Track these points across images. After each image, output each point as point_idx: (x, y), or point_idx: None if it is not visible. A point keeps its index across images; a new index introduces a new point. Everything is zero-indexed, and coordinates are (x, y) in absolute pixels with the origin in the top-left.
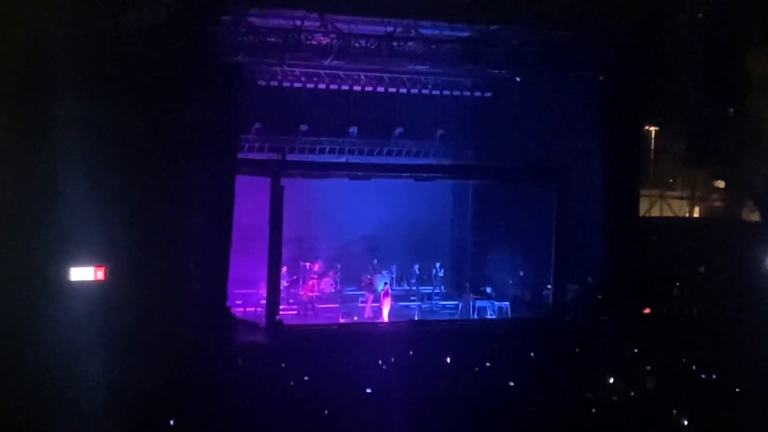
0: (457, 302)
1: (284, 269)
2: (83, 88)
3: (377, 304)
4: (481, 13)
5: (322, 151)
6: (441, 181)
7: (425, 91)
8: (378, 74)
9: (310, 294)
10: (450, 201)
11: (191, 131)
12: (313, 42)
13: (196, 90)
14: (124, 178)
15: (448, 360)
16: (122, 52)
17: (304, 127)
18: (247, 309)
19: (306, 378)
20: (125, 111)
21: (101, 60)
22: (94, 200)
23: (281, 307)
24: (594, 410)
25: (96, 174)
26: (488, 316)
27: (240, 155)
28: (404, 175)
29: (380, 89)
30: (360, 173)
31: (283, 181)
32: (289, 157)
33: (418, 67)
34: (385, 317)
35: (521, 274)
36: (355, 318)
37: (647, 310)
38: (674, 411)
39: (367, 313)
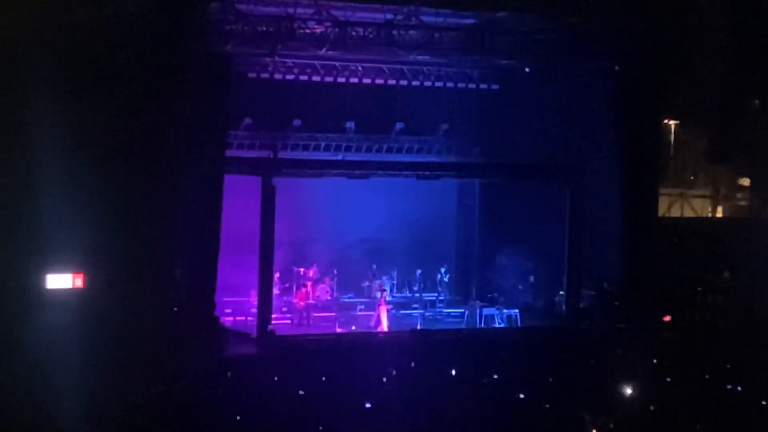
0: (462, 310)
1: (276, 275)
2: (59, 82)
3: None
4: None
5: (316, 148)
6: (445, 179)
7: (428, 84)
8: (377, 65)
9: (305, 302)
10: (455, 201)
11: (176, 127)
12: (307, 30)
13: (180, 83)
14: (103, 178)
15: (453, 372)
16: (102, 43)
17: (297, 123)
18: (237, 318)
19: (300, 392)
20: (105, 106)
21: (79, 51)
22: (72, 202)
23: (273, 316)
24: (611, 426)
25: (73, 173)
26: (496, 325)
27: (228, 153)
28: (405, 173)
29: (379, 81)
30: (358, 172)
31: (275, 181)
32: (281, 155)
33: (420, 58)
34: (385, 327)
35: (532, 279)
36: (353, 327)
37: (667, 318)
38: (697, 426)
39: (379, 327)
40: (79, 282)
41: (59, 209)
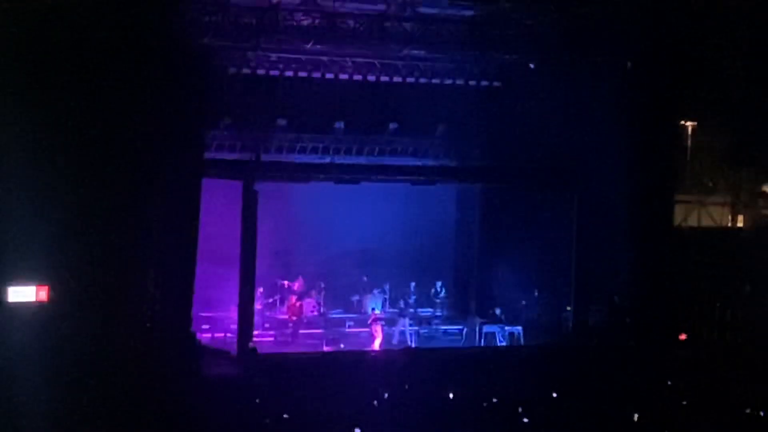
0: (461, 326)
1: (259, 289)
2: (19, 76)
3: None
4: None
5: (303, 150)
6: (443, 185)
7: (424, 80)
8: (369, 60)
9: (295, 317)
10: (453, 208)
11: (149, 127)
12: (293, 22)
13: (154, 79)
14: (70, 183)
15: (451, 395)
16: (67, 34)
17: (282, 122)
18: (216, 335)
19: (285, 416)
20: (70, 104)
21: (41, 42)
22: (35, 208)
23: (255, 332)
24: None
25: (37, 177)
26: (498, 343)
27: (207, 155)
28: (399, 178)
29: (371, 78)
30: (348, 176)
31: (258, 186)
32: (265, 158)
33: (416, 52)
34: (377, 346)
35: (536, 293)
36: (342, 346)
37: (683, 336)
38: None
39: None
40: (43, 295)
41: (21, 216)
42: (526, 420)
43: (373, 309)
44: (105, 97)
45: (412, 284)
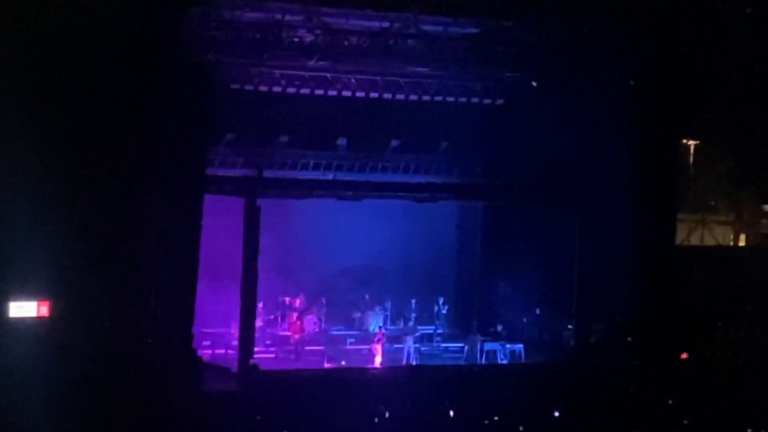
0: (462, 344)
1: (260, 305)
2: (23, 92)
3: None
4: (491, 7)
5: (305, 166)
6: (445, 202)
7: (426, 98)
8: (371, 77)
9: (297, 335)
10: (455, 225)
11: (152, 143)
12: (296, 39)
13: (158, 94)
14: (72, 199)
15: (452, 413)
16: (71, 50)
17: (284, 139)
18: (217, 351)
19: None
20: (74, 119)
21: (46, 59)
22: (37, 223)
23: (256, 349)
24: None
25: (39, 193)
26: (499, 361)
27: (209, 171)
28: (401, 195)
29: (374, 95)
30: (349, 193)
31: (260, 202)
32: (267, 174)
33: (419, 69)
34: (377, 364)
35: (538, 311)
36: (343, 362)
37: (685, 355)
38: None
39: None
40: (44, 311)
41: (23, 231)
42: None
43: (380, 327)
44: (108, 112)
45: (414, 302)
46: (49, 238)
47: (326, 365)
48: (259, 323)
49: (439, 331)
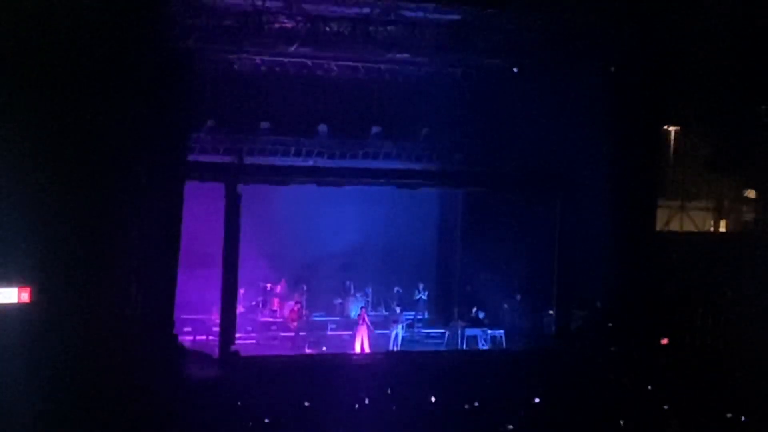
0: (443, 330)
1: (241, 291)
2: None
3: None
4: None
5: (285, 153)
6: (426, 189)
7: (407, 84)
8: (352, 64)
9: (295, 322)
10: (436, 212)
11: (132, 130)
12: (277, 25)
13: (137, 81)
14: (51, 184)
15: (433, 399)
16: (47, 35)
17: (265, 125)
18: (198, 337)
19: (266, 420)
20: (52, 106)
21: (24, 46)
22: (17, 209)
23: (237, 335)
24: None
25: (17, 178)
26: (480, 347)
27: (190, 158)
28: (382, 181)
29: (354, 81)
30: (330, 179)
31: (241, 188)
32: (247, 160)
33: (399, 56)
34: (358, 348)
35: (518, 297)
36: (324, 348)
37: (665, 341)
38: None
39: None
40: (25, 297)
41: (3, 217)
42: (508, 424)
43: (362, 307)
44: (87, 99)
45: (396, 288)
46: (30, 224)
47: (307, 351)
48: (240, 309)
49: (419, 317)
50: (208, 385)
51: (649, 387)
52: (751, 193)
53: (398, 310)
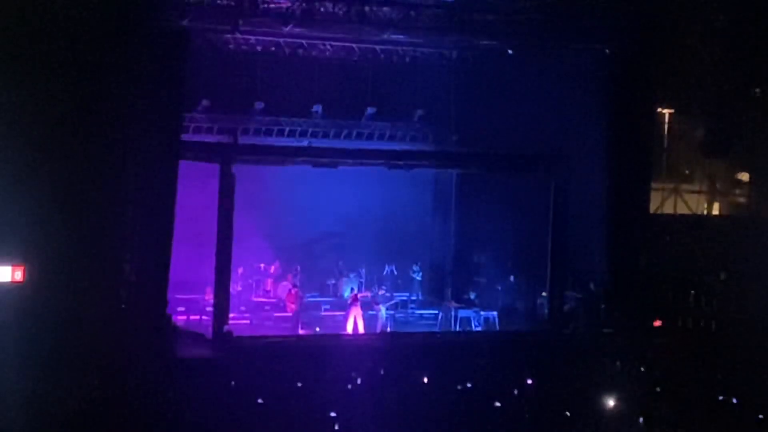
0: (436, 311)
1: (239, 270)
2: None
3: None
4: None
5: (280, 133)
6: (420, 169)
7: (402, 65)
8: (347, 44)
9: (295, 306)
10: (430, 193)
11: (127, 109)
12: (272, 5)
13: (132, 60)
14: (46, 164)
15: (426, 380)
16: (45, 17)
17: (259, 105)
18: (191, 317)
19: (259, 400)
20: (47, 85)
21: (16, 22)
22: (11, 188)
23: (231, 315)
24: None
25: (11, 158)
26: (473, 328)
27: (184, 137)
28: (376, 162)
29: (349, 62)
30: (325, 159)
31: (235, 168)
32: (242, 140)
33: (394, 37)
34: (350, 329)
35: (512, 279)
36: (317, 329)
37: (658, 323)
38: None
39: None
40: (18, 275)
41: None
42: (500, 405)
43: (352, 289)
44: (82, 78)
45: (389, 269)
46: (24, 202)
47: (300, 331)
48: (238, 288)
49: (413, 298)
50: (202, 364)
51: (642, 369)
52: (744, 176)
53: (382, 291)
